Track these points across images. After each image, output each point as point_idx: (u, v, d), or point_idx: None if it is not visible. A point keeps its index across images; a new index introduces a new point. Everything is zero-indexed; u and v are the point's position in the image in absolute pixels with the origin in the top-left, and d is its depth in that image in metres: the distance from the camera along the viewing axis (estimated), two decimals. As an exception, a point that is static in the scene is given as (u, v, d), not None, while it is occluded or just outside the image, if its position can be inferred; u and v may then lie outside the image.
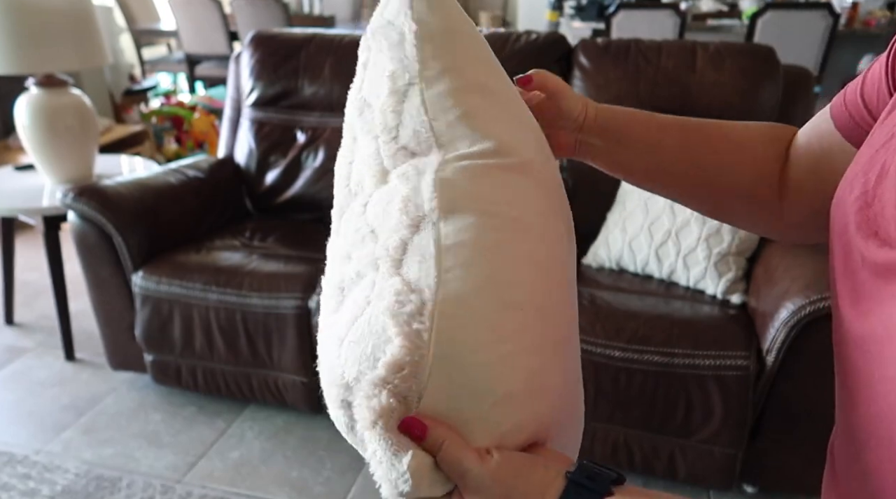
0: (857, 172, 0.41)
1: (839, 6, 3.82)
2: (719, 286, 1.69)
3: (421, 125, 0.48)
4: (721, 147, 0.61)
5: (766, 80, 1.90)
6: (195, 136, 3.63)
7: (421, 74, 0.49)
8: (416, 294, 0.42)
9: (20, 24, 1.96)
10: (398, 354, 0.41)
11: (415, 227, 0.44)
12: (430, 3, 0.51)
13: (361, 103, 0.54)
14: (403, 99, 0.49)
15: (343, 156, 0.56)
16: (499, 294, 0.43)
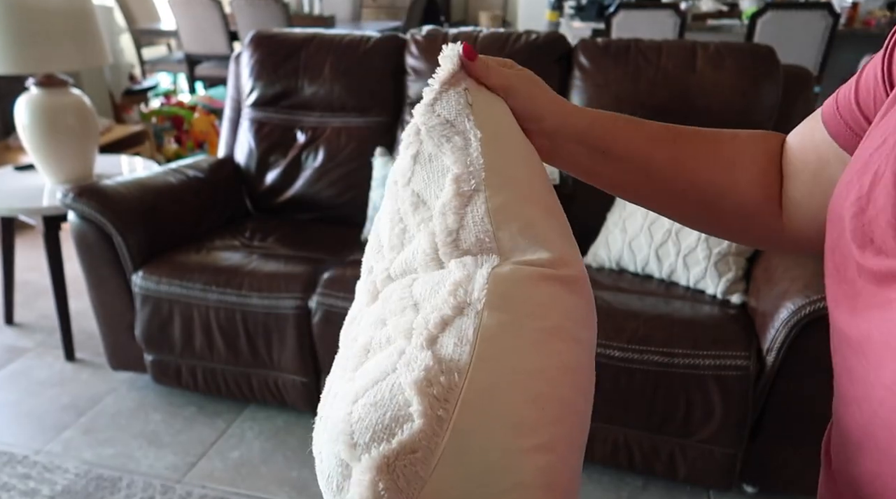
0: (851, 177, 0.41)
1: (839, 6, 3.82)
2: (719, 286, 1.69)
3: (485, 234, 0.49)
4: (717, 164, 0.57)
5: (766, 80, 1.90)
6: (195, 136, 3.64)
7: (487, 183, 0.50)
8: (446, 376, 0.42)
9: (20, 24, 1.96)
10: (416, 436, 0.40)
11: (459, 309, 0.45)
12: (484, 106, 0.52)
13: (416, 199, 0.53)
14: (467, 203, 0.49)
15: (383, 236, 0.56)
16: (525, 391, 0.43)
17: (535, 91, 0.55)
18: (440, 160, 0.52)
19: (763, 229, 0.58)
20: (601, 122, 0.57)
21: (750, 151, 0.57)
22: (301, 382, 1.87)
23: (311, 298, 1.77)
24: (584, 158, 0.57)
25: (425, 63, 2.14)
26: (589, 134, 0.56)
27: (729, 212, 0.57)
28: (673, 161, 0.57)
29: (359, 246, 2.02)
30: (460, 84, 0.53)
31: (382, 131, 2.20)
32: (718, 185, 0.56)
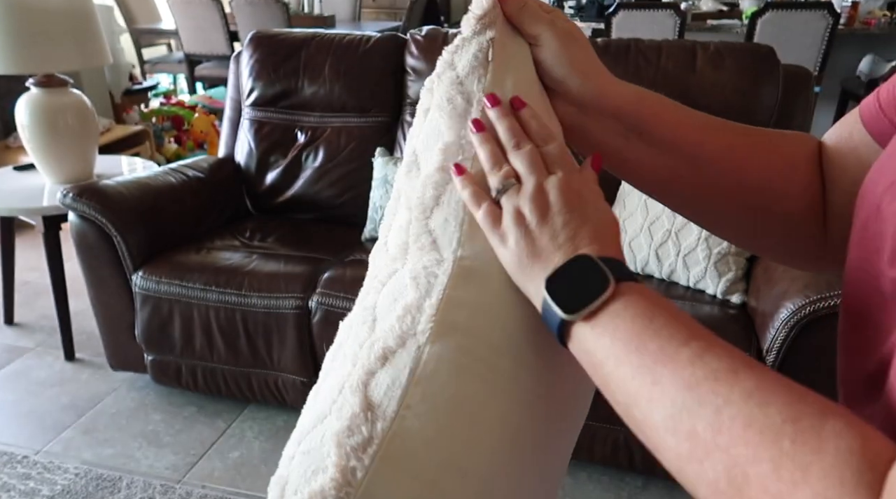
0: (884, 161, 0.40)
1: (839, 6, 3.82)
2: (719, 286, 1.69)
3: (454, 217, 0.46)
4: (776, 162, 0.50)
5: (766, 80, 1.90)
6: (195, 136, 3.63)
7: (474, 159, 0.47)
8: (369, 425, 0.41)
9: (20, 24, 1.96)
10: (326, 488, 0.40)
11: (402, 341, 0.43)
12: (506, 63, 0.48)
13: (412, 159, 0.51)
14: (449, 180, 0.47)
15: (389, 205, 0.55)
16: (449, 452, 0.41)
17: (573, 50, 0.48)
18: (438, 121, 0.49)
19: (806, 243, 0.52)
20: (647, 100, 0.50)
21: (803, 151, 0.51)
22: (301, 382, 1.86)
23: (311, 298, 1.77)
24: (618, 137, 0.50)
25: (425, 63, 2.14)
26: (631, 111, 0.49)
27: (777, 221, 0.51)
28: (726, 151, 0.50)
29: (359, 246, 2.02)
30: (486, 32, 0.48)
31: (382, 131, 2.20)
32: (772, 186, 0.50)
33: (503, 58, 0.48)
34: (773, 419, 0.31)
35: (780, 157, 0.51)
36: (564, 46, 0.48)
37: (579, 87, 0.49)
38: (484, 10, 0.48)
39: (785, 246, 0.53)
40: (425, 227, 0.47)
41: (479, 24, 0.48)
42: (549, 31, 0.48)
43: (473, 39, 0.48)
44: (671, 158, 0.50)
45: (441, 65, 0.50)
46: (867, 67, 3.87)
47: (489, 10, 0.48)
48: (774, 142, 0.52)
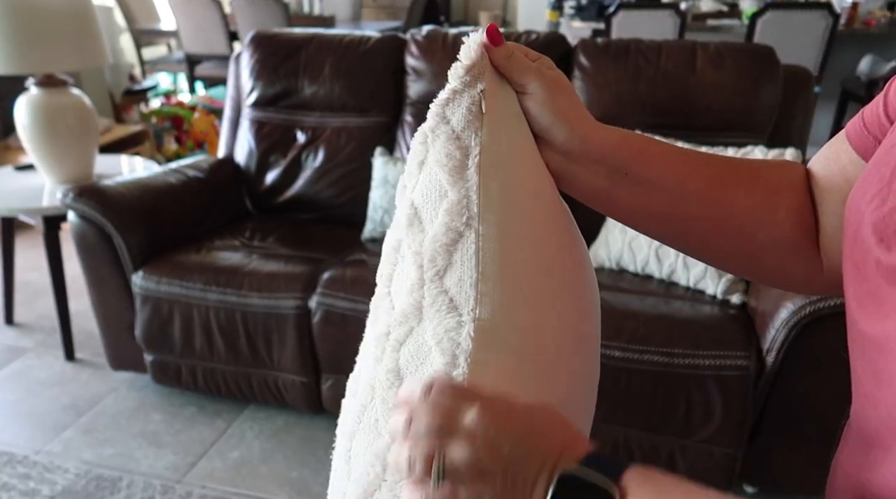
0: (870, 171, 0.40)
1: (839, 6, 3.82)
2: (719, 286, 1.69)
3: (469, 277, 0.46)
4: (759, 190, 0.51)
5: (766, 80, 1.90)
6: (195, 136, 3.63)
7: (481, 218, 0.47)
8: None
9: (20, 24, 1.96)
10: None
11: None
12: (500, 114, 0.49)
13: (412, 212, 0.51)
14: (458, 239, 0.47)
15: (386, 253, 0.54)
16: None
17: (559, 99, 0.49)
18: (439, 176, 0.49)
19: (803, 267, 0.51)
20: (630, 141, 0.51)
21: (788, 177, 0.52)
22: (301, 382, 1.86)
23: (311, 298, 1.77)
24: (605, 179, 0.50)
25: (425, 63, 2.14)
26: (616, 153, 0.50)
27: (767, 248, 0.51)
28: (711, 186, 0.50)
29: (359, 246, 2.02)
30: (477, 84, 0.49)
31: (382, 131, 2.20)
32: (759, 214, 0.50)
33: (496, 110, 0.49)
34: None
35: (763, 185, 0.51)
36: (551, 96, 0.49)
37: (566, 136, 0.49)
38: (472, 61, 0.49)
39: (778, 271, 0.53)
40: (441, 287, 0.47)
41: (469, 76, 0.49)
42: (536, 81, 0.49)
43: (465, 92, 0.49)
44: (657, 196, 0.50)
45: (434, 118, 0.50)
46: (867, 67, 3.87)
47: (477, 60, 0.49)
48: (757, 171, 0.52)
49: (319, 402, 1.89)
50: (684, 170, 0.51)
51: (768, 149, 1.75)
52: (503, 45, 0.49)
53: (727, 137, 1.91)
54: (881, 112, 0.45)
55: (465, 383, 0.43)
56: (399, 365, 0.48)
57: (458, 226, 0.47)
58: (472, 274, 0.46)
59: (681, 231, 0.53)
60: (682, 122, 1.94)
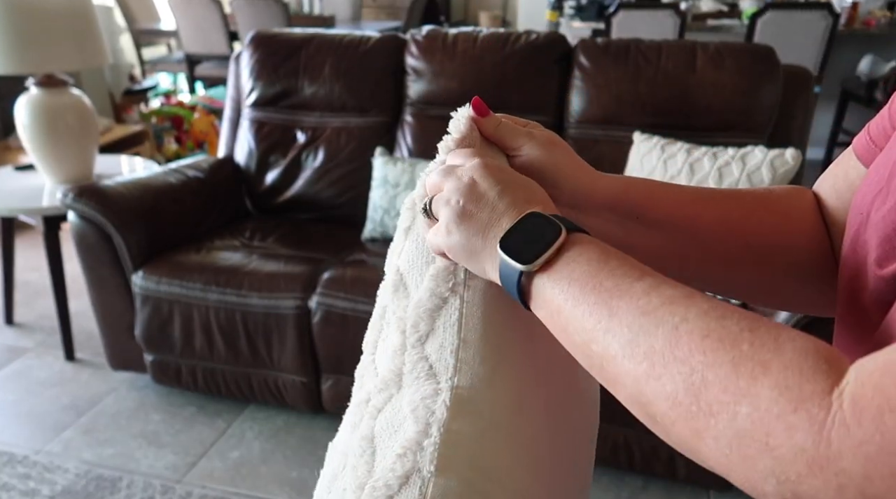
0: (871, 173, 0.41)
1: (839, 6, 3.82)
2: (719, 286, 1.68)
3: (450, 343, 0.46)
4: (770, 218, 0.51)
5: (766, 80, 1.90)
6: (195, 136, 3.64)
7: (466, 284, 0.47)
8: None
9: (20, 24, 1.96)
10: None
11: (406, 478, 0.43)
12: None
13: (397, 278, 0.51)
14: (442, 305, 0.47)
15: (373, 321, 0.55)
16: None
17: (557, 154, 0.50)
18: (425, 246, 0.49)
19: (824, 290, 0.51)
20: (636, 186, 0.51)
21: (797, 202, 0.52)
22: (301, 382, 1.86)
23: (311, 298, 1.77)
24: (616, 226, 0.51)
25: (425, 63, 2.14)
26: (623, 199, 0.51)
27: (787, 273, 0.52)
28: (722, 219, 0.51)
29: (359, 246, 2.02)
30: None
31: (382, 131, 2.20)
32: (774, 242, 0.51)
33: None
34: (730, 329, 0.32)
35: (773, 212, 0.52)
36: (548, 151, 0.50)
37: (571, 186, 0.50)
38: (462, 134, 0.50)
39: (802, 296, 0.54)
40: (421, 353, 0.47)
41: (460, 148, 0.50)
42: (530, 142, 0.50)
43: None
44: (670, 237, 0.51)
45: (423, 188, 0.50)
46: (867, 67, 3.87)
47: (467, 133, 0.50)
48: (766, 199, 0.53)
49: (319, 402, 1.89)
50: (693, 208, 0.51)
51: (768, 149, 1.75)
52: (490, 115, 0.51)
53: (727, 137, 1.91)
54: (886, 124, 0.46)
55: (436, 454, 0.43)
56: (374, 433, 0.47)
57: (442, 291, 0.47)
58: (454, 341, 0.46)
59: (703, 270, 0.53)
60: (682, 123, 1.94)
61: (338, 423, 0.55)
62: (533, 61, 2.07)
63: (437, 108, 2.14)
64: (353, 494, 0.45)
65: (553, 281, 0.39)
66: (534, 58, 2.07)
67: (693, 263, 0.52)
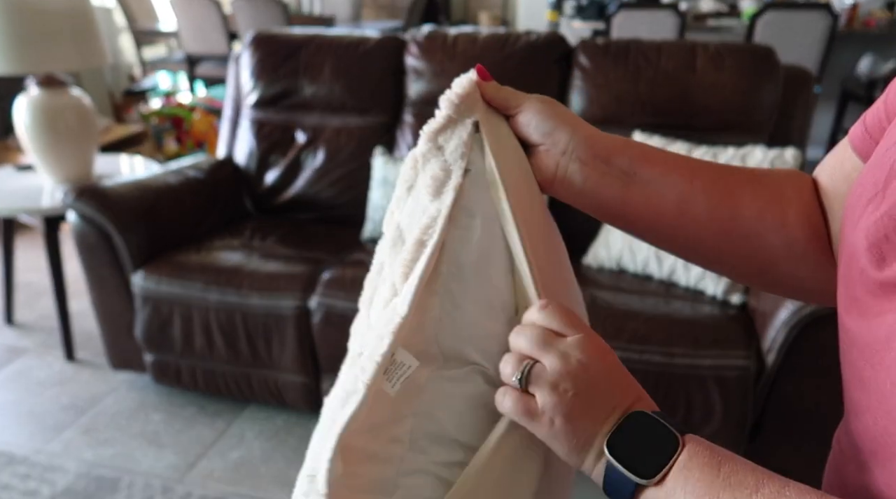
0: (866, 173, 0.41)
1: (839, 6, 3.82)
2: (719, 286, 1.69)
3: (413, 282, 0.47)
4: (764, 194, 0.50)
5: (766, 80, 1.90)
6: (195, 136, 3.63)
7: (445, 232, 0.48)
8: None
9: (20, 24, 1.96)
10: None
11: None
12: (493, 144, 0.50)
13: (396, 234, 0.52)
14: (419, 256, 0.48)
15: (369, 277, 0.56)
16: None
17: (556, 107, 0.52)
18: (423, 198, 0.50)
19: (817, 274, 0.51)
20: (632, 144, 0.52)
21: (793, 183, 0.52)
22: (301, 382, 1.86)
23: (311, 298, 1.77)
24: (613, 180, 0.50)
25: (425, 63, 2.14)
26: (621, 153, 0.51)
27: (779, 254, 0.51)
28: (716, 188, 0.51)
29: (359, 246, 2.02)
30: (469, 114, 0.51)
31: (382, 131, 2.20)
32: (767, 218, 0.50)
33: (490, 137, 0.51)
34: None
35: (768, 189, 0.51)
36: (549, 105, 0.52)
37: (569, 135, 0.51)
38: (465, 91, 0.51)
39: (793, 279, 0.53)
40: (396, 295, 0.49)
41: (464, 105, 0.51)
42: (530, 100, 0.52)
43: (459, 121, 0.51)
44: (664, 198, 0.51)
45: (426, 144, 0.51)
46: (867, 67, 3.87)
47: (470, 91, 0.51)
48: (760, 176, 0.53)
49: (319, 402, 1.89)
50: (687, 171, 0.51)
51: (768, 149, 1.75)
52: (492, 80, 0.52)
53: (727, 136, 1.91)
54: (882, 116, 0.45)
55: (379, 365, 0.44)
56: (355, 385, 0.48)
57: (423, 239, 0.48)
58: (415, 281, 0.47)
59: (693, 240, 0.52)
60: (682, 123, 1.94)
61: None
62: (533, 61, 2.07)
63: (437, 108, 2.14)
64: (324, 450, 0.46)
65: (666, 493, 0.38)
66: (534, 58, 2.07)
67: (686, 233, 0.52)
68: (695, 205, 0.51)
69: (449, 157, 0.50)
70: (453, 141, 0.50)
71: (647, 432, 0.39)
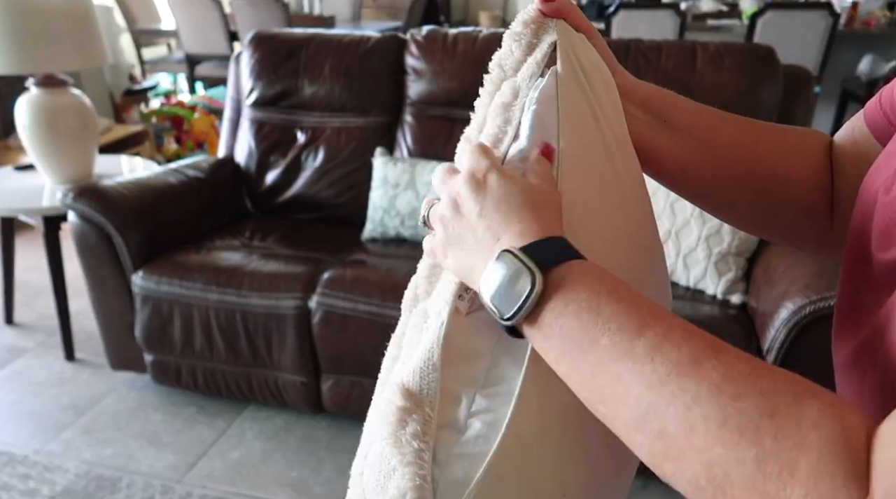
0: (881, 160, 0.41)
1: (839, 6, 3.82)
2: (719, 286, 1.69)
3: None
4: (781, 150, 0.54)
5: (766, 80, 1.90)
6: (195, 136, 3.63)
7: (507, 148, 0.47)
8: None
9: (20, 24, 1.96)
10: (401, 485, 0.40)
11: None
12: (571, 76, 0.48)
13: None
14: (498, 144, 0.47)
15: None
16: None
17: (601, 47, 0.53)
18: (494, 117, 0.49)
19: (813, 227, 0.55)
20: (665, 93, 0.55)
21: (809, 141, 0.55)
22: (301, 382, 1.86)
23: (311, 298, 1.77)
24: (645, 126, 0.53)
25: (425, 63, 2.14)
26: (654, 100, 0.53)
27: (785, 205, 0.54)
28: (737, 140, 0.54)
29: (359, 246, 2.02)
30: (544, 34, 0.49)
31: (382, 131, 2.20)
32: (780, 173, 0.54)
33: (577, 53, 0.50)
34: (748, 415, 0.29)
35: (786, 145, 0.54)
36: (598, 41, 0.53)
37: (618, 77, 0.53)
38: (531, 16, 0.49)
39: (794, 229, 0.57)
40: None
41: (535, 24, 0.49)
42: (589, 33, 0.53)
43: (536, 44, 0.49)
44: (689, 145, 0.53)
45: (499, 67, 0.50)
46: (867, 67, 3.87)
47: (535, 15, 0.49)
48: (781, 132, 0.56)
49: (319, 402, 1.89)
50: (711, 121, 0.54)
51: (768, 149, 1.75)
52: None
53: (727, 137, 1.91)
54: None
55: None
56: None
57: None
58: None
59: (710, 186, 0.55)
60: (682, 123, 1.94)
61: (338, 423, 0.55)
62: (533, 61, 2.06)
63: (437, 109, 2.14)
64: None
65: (543, 336, 0.37)
66: (534, 58, 2.06)
67: (703, 177, 0.54)
68: (715, 155, 0.54)
69: (520, 77, 0.48)
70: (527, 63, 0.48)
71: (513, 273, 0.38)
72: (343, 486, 1.84)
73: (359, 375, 1.79)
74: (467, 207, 0.42)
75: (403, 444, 0.40)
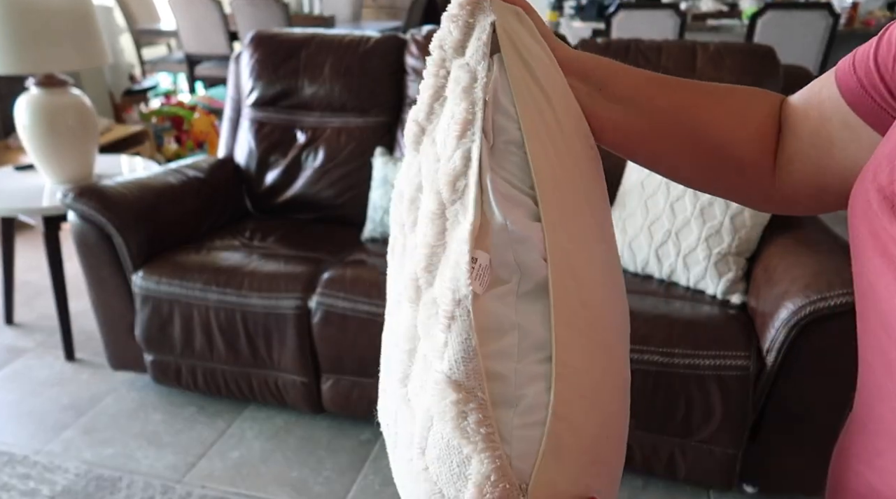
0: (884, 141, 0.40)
1: (839, 6, 3.82)
2: (719, 286, 1.69)
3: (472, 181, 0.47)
4: (719, 111, 0.55)
5: (766, 80, 1.90)
6: (195, 136, 3.64)
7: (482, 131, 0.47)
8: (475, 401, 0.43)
9: (20, 24, 1.96)
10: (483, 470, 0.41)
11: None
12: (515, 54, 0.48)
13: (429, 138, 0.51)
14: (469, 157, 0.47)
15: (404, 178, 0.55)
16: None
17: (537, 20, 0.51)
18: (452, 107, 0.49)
19: (756, 186, 0.56)
20: (603, 62, 0.54)
21: (752, 104, 0.56)
22: (301, 382, 1.86)
23: (311, 298, 1.77)
24: (584, 96, 0.53)
25: (425, 63, 2.14)
26: (592, 70, 0.53)
27: (727, 166, 0.55)
28: (676, 106, 0.54)
29: (359, 246, 2.02)
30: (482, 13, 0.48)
31: (382, 131, 2.20)
32: (720, 136, 0.54)
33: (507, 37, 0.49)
34: None
35: (726, 108, 0.55)
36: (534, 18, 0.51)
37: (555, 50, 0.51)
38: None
39: (738, 189, 0.58)
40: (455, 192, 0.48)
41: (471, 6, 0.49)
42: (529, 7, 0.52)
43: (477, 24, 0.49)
44: (630, 114, 0.54)
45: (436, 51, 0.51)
46: (867, 67, 3.86)
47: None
48: (722, 94, 0.56)
49: (319, 402, 1.89)
50: (649, 89, 0.54)
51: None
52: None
53: (727, 137, 1.91)
54: (871, 55, 0.46)
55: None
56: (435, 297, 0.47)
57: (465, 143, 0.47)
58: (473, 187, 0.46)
59: (651, 149, 0.56)
60: (682, 123, 1.94)
61: (338, 423, 0.55)
62: (533, 61, 2.06)
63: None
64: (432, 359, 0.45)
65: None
66: (534, 58, 2.07)
67: (649, 145, 0.55)
68: (655, 122, 0.54)
69: (470, 59, 0.48)
70: (473, 45, 0.48)
71: None
72: (343, 486, 1.85)
73: (359, 375, 1.79)
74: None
75: (471, 433, 0.42)
